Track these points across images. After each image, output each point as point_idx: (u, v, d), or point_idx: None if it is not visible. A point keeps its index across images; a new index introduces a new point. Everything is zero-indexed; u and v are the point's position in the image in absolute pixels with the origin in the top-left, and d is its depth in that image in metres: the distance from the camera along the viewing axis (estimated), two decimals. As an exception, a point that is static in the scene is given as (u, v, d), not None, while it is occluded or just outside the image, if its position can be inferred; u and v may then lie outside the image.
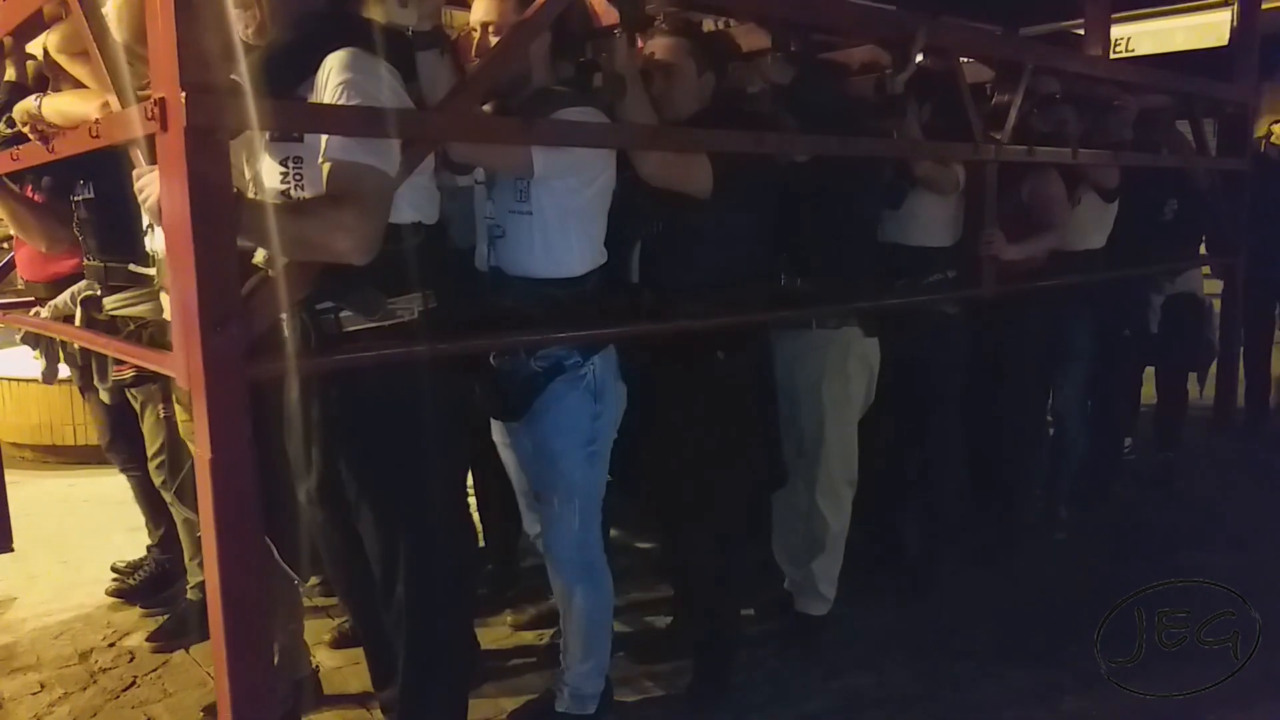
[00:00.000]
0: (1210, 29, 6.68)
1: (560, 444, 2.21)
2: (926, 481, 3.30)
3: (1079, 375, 3.76)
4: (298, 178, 1.77)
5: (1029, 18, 5.36)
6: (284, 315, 1.78)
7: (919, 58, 2.66)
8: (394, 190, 1.73)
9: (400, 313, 1.83)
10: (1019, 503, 3.66)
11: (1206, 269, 4.79)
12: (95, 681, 2.74)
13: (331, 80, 1.68)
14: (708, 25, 2.74)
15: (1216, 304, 4.61)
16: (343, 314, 1.80)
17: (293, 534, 2.15)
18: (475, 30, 2.09)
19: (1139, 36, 7.22)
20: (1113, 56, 5.88)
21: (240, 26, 1.79)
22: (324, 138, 1.69)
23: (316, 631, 2.85)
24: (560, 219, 2.10)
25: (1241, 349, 5.08)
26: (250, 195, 1.87)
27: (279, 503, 2.06)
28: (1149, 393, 4.62)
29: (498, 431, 2.40)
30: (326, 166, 1.69)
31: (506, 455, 2.41)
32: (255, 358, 1.63)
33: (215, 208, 1.53)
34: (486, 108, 2.07)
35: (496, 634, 2.97)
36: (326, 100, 1.69)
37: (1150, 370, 4.54)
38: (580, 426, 2.20)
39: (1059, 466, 3.89)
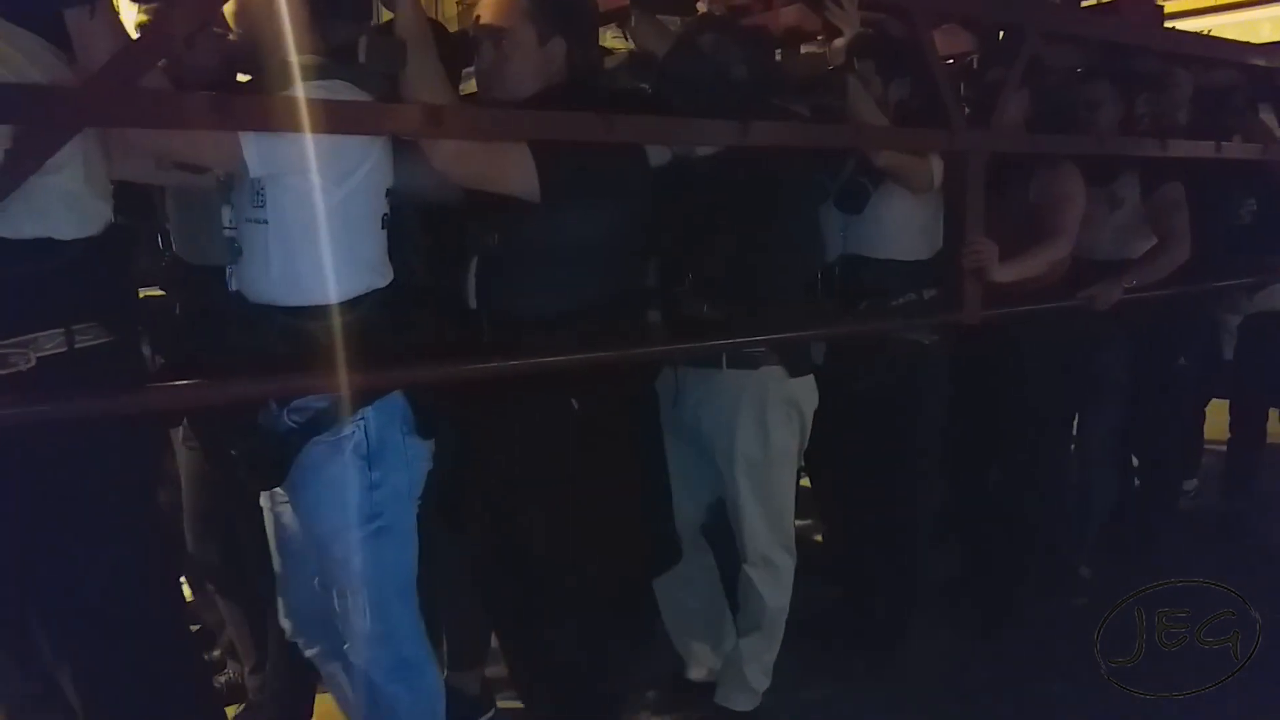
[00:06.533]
0: None
1: (327, 526, 1.70)
2: (897, 544, 2.68)
3: (1111, 415, 3.07)
4: None
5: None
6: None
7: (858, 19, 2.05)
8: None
9: (13, 358, 1.36)
10: (1029, 569, 2.98)
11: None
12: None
13: None
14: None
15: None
16: None
17: None
18: None
19: (1221, 29, 6.52)
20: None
21: None
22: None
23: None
24: (305, 229, 1.58)
25: None
26: None
27: None
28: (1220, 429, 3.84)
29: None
30: None
31: (269, 521, 1.89)
32: None
33: None
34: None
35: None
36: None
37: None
38: (350, 502, 1.69)
39: (1082, 519, 3.18)
